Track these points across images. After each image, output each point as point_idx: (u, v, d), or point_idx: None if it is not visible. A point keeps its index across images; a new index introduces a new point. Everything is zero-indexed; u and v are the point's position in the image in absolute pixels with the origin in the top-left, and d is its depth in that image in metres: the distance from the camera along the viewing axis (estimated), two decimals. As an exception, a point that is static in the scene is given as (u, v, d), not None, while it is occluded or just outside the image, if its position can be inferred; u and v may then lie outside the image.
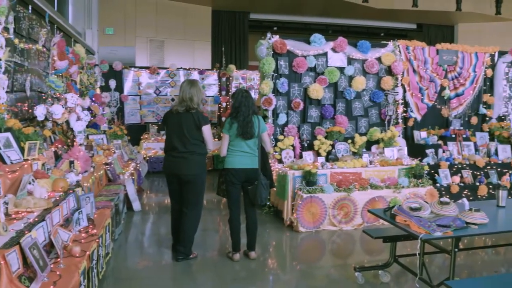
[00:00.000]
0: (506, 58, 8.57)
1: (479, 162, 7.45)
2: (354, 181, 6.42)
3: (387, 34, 16.04)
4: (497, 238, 5.72)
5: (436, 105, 8.22)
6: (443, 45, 8.18)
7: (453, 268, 3.65)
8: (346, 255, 5.43)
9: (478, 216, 3.69)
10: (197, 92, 4.74)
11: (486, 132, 8.36)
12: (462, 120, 8.36)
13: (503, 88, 8.59)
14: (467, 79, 8.28)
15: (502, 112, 8.65)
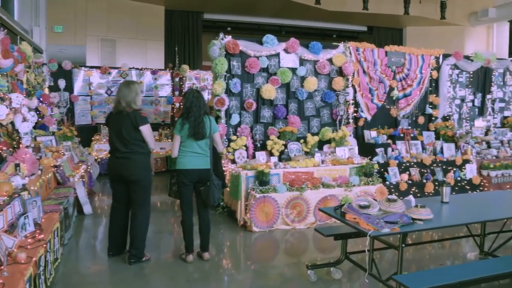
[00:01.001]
0: (450, 60, 8.92)
1: (426, 160, 7.73)
2: (306, 180, 6.50)
3: (339, 36, 16.35)
4: (442, 233, 5.92)
5: (385, 105, 8.47)
6: (391, 47, 8.43)
7: (401, 263, 3.76)
8: (300, 253, 5.48)
9: (424, 212, 3.81)
10: (129, 93, 4.68)
11: (432, 131, 8.69)
12: (410, 119, 8.66)
13: (447, 89, 8.95)
14: (414, 80, 8.57)
15: (446, 112, 9.01)
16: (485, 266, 3.94)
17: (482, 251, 5.11)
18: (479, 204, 4.86)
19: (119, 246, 5.04)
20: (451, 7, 13.81)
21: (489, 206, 4.76)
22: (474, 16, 15.25)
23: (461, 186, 7.84)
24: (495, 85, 9.59)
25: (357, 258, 4.39)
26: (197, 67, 13.81)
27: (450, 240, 5.67)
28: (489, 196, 5.69)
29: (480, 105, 9.50)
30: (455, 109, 9.17)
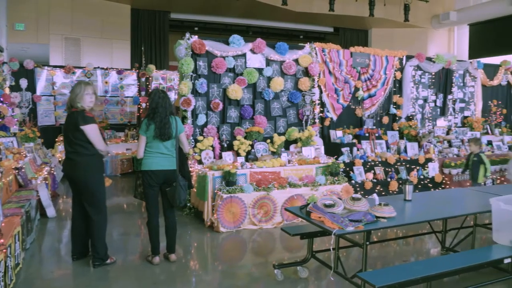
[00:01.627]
0: (413, 61, 9.13)
1: (390, 159, 7.89)
2: (273, 180, 6.53)
3: (306, 37, 16.50)
4: (407, 230, 6.06)
5: (350, 105, 8.60)
6: (356, 48, 8.56)
7: (365, 260, 3.83)
8: (267, 253, 5.49)
9: (387, 210, 3.89)
10: (71, 93, 4.63)
11: (396, 130, 8.87)
12: (375, 119, 8.81)
13: (410, 90, 9.16)
14: (378, 81, 8.73)
15: (410, 112, 9.22)
16: (446, 261, 4.03)
17: (444, 247, 5.26)
18: (440, 201, 4.98)
19: (82, 249, 4.94)
20: (414, 10, 14.14)
21: (450, 203, 4.89)
22: (436, 19, 15.64)
23: (424, 184, 8.04)
24: (456, 86, 9.87)
25: (324, 257, 4.43)
26: (163, 67, 13.70)
27: (413, 237, 5.81)
28: (450, 193, 5.82)
29: (442, 105, 9.76)
30: (418, 109, 9.39)
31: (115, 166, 10.40)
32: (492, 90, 10.56)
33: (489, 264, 4.00)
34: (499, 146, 9.52)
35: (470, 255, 4.17)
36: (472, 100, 10.18)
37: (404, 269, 3.70)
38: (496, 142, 9.58)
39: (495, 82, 10.48)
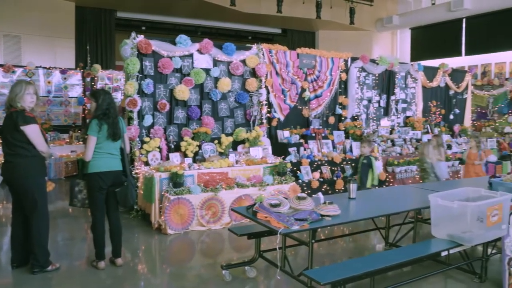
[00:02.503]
0: (357, 63, 9.38)
1: (336, 158, 8.06)
2: (221, 181, 6.52)
3: (254, 38, 16.57)
4: (353, 227, 6.19)
5: (297, 105, 8.71)
6: (303, 50, 8.69)
7: (311, 258, 3.89)
8: (216, 254, 5.48)
9: (331, 209, 3.96)
10: (10, 93, 4.45)
11: (342, 130, 9.07)
12: (321, 120, 8.97)
13: (355, 91, 9.40)
14: (324, 82, 8.90)
15: (355, 112, 9.45)
16: (389, 256, 4.15)
17: (387, 242, 5.43)
18: (384, 198, 5.14)
19: (22, 257, 4.72)
20: (360, 13, 14.54)
21: (393, 200, 5.05)
22: (380, 23, 16.15)
23: (369, 182, 8.25)
24: (398, 87, 10.22)
25: (272, 256, 4.46)
26: (110, 67, 13.38)
27: (359, 233, 5.94)
28: (393, 190, 6.02)
29: (385, 105, 10.08)
30: (363, 109, 9.64)
31: (59, 169, 10.09)
32: (432, 91, 11.01)
33: (428, 257, 4.18)
34: (439, 144, 9.91)
35: (411, 250, 4.32)
36: (413, 101, 10.57)
37: (348, 266, 3.80)
38: (436, 141, 9.97)
39: (434, 83, 10.92)
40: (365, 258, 4.31)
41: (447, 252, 4.13)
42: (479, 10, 13.65)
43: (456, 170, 9.40)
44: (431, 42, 15.72)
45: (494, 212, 4.07)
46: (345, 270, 3.57)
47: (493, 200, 4.12)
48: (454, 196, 4.34)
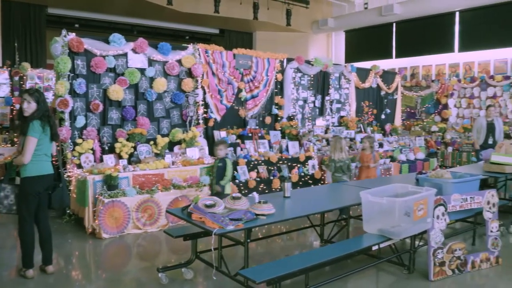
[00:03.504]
0: (293, 64, 9.54)
1: (273, 158, 8.16)
2: (157, 183, 6.44)
3: (192, 38, 16.42)
4: (290, 225, 6.31)
5: (234, 106, 8.73)
6: (239, 50, 8.72)
7: (247, 257, 3.93)
8: (153, 257, 5.41)
9: (266, 208, 4.03)
10: None
11: (278, 130, 9.19)
12: (257, 120, 9.04)
13: (291, 91, 9.55)
14: (261, 82, 8.98)
15: (291, 112, 9.60)
16: (323, 252, 4.29)
17: (322, 239, 5.57)
18: (318, 196, 5.28)
19: None
20: (296, 15, 14.79)
21: (327, 197, 5.21)
22: (316, 25, 16.50)
23: (305, 180, 8.42)
24: (332, 87, 10.49)
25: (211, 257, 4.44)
26: (40, 65, 12.74)
27: (296, 231, 6.06)
28: (328, 188, 6.19)
29: (320, 106, 10.31)
30: (299, 109, 9.82)
31: (-16, 173, 9.54)
32: (364, 92, 11.39)
33: (360, 252, 4.32)
34: (371, 143, 10.29)
35: (344, 245, 4.47)
36: (347, 101, 10.89)
37: (283, 263, 3.85)
38: (368, 140, 10.34)
39: (367, 84, 11.32)
40: (300, 255, 4.42)
41: (378, 246, 4.31)
42: (408, 16, 14.28)
43: (388, 168, 9.78)
44: (364, 45, 16.27)
45: (420, 207, 4.29)
46: (280, 268, 3.64)
47: (419, 195, 4.35)
48: (384, 192, 4.54)
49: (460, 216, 5.19)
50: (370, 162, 7.43)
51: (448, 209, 4.69)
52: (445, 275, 4.59)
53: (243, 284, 3.82)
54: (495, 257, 4.99)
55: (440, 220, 4.60)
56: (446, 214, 4.67)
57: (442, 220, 4.62)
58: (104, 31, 14.47)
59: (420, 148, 11.22)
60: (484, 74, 12.90)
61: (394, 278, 4.68)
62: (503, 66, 12.91)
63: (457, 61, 13.91)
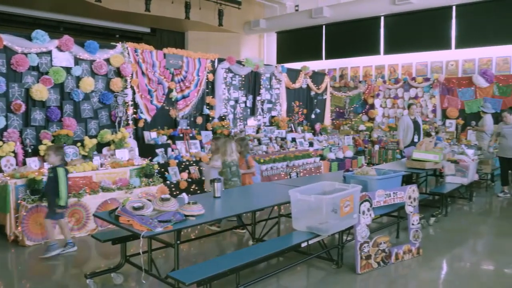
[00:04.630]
0: (224, 64, 9.57)
1: (204, 158, 8.12)
2: (84, 186, 6.23)
3: (123, 36, 15.98)
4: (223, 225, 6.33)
5: (164, 106, 8.62)
6: (169, 50, 8.63)
7: (177, 259, 3.90)
8: (81, 263, 5.21)
9: (195, 208, 4.01)
10: None
11: (210, 130, 9.19)
12: (189, 120, 8.99)
13: (222, 91, 9.58)
14: (192, 82, 8.94)
15: (222, 113, 9.64)
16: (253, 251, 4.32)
17: (254, 238, 5.62)
18: (249, 195, 5.34)
19: None
20: (228, 16, 14.84)
21: (258, 196, 5.26)
22: (248, 25, 16.62)
23: (237, 180, 8.46)
24: (264, 88, 10.63)
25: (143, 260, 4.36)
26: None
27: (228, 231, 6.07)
28: (259, 187, 6.24)
29: (251, 105, 10.42)
30: (230, 109, 9.86)
31: None
32: (295, 92, 11.64)
33: (290, 249, 4.40)
34: (301, 142, 10.53)
35: (274, 243, 4.52)
36: (278, 101, 11.08)
37: (214, 264, 3.86)
38: (299, 139, 10.59)
39: (297, 85, 11.57)
40: (230, 255, 4.43)
41: (307, 243, 4.41)
42: (337, 19, 14.73)
43: (318, 166, 10.05)
44: (296, 46, 16.60)
45: (346, 203, 4.44)
46: (211, 268, 3.64)
47: (345, 192, 4.50)
48: (312, 190, 4.65)
49: (385, 211, 5.41)
50: (243, 168, 6.52)
51: (373, 205, 4.88)
52: (371, 267, 4.78)
53: (173, 286, 3.79)
54: (416, 248, 5.27)
55: (366, 215, 4.79)
56: (371, 209, 4.86)
57: (367, 215, 4.81)
58: (28, 28, 13.69)
59: (349, 146, 11.64)
60: (407, 76, 13.60)
61: (324, 273, 4.82)
62: (423, 69, 13.67)
63: (383, 63, 14.55)
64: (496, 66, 12.36)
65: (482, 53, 12.55)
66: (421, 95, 13.18)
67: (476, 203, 8.27)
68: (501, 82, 11.91)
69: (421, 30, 13.40)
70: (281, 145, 9.95)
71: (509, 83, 11.79)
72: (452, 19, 12.91)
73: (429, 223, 6.70)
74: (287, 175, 9.27)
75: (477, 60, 12.70)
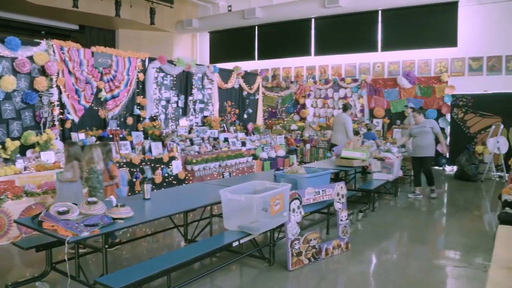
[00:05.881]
0: (155, 64, 9.41)
1: (135, 159, 7.96)
2: (6, 190, 5.91)
3: (49, 33, 15.27)
4: (155, 227, 6.26)
5: (93, 106, 8.33)
6: (98, 48, 8.36)
7: (106, 264, 3.80)
8: (4, 273, 4.91)
9: (124, 211, 3.93)
10: None
11: (141, 131, 8.99)
12: (119, 120, 8.75)
13: (153, 91, 9.42)
14: (121, 82, 8.71)
15: (153, 113, 9.47)
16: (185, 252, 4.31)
17: (186, 239, 5.59)
18: (180, 196, 5.30)
19: None
20: (160, 14, 14.64)
21: (190, 197, 5.22)
22: (180, 25, 16.47)
23: (169, 181, 8.38)
24: (196, 88, 10.57)
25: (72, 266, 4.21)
26: None
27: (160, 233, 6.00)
28: (191, 188, 6.23)
29: (183, 106, 10.31)
30: (162, 109, 9.72)
31: None
32: (227, 92, 11.66)
33: (222, 249, 4.43)
34: (234, 142, 10.58)
35: (205, 244, 4.52)
36: (210, 101, 11.05)
37: (144, 267, 3.80)
38: (232, 139, 10.63)
39: (229, 85, 11.60)
40: (161, 257, 4.37)
41: (238, 242, 4.45)
42: (269, 20, 14.93)
43: (250, 165, 10.15)
44: (229, 46, 16.64)
45: (276, 202, 4.53)
46: (140, 272, 3.60)
47: (275, 191, 4.58)
48: (243, 190, 4.70)
49: (315, 208, 5.56)
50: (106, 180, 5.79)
51: (303, 202, 5.00)
52: (302, 264, 4.90)
53: (102, 292, 3.69)
54: (345, 243, 5.46)
55: (296, 213, 4.90)
56: (301, 207, 4.98)
57: (297, 213, 4.92)
58: None
59: (281, 145, 11.84)
60: (336, 77, 14.06)
61: (256, 271, 4.87)
62: (352, 70, 14.18)
63: (314, 64, 14.93)
64: (418, 69, 13.07)
65: (406, 56, 13.24)
66: (350, 95, 13.68)
67: (401, 198, 8.70)
68: (422, 83, 12.64)
69: (350, 32, 13.89)
70: (213, 145, 9.94)
71: (429, 84, 12.53)
72: (378, 23, 13.48)
73: (358, 218, 6.96)
74: (220, 175, 9.29)
75: (401, 63, 13.36)
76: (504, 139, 10.89)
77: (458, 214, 7.55)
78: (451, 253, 5.57)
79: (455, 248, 5.74)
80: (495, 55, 12.00)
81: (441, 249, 5.79)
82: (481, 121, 11.77)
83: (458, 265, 5.07)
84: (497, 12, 11.89)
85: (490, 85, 11.86)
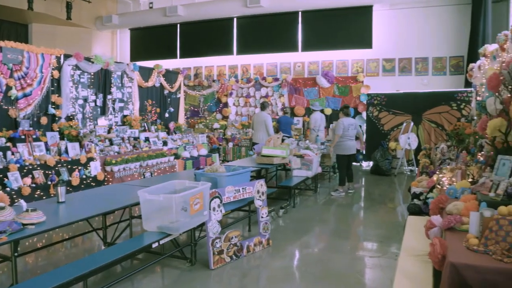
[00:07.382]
0: (71, 61, 9.03)
1: (50, 161, 7.61)
2: None
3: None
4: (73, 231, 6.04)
5: (2, 105, 7.84)
6: (7, 43, 7.87)
7: (15, 273, 3.61)
8: None
9: (35, 216, 3.74)
10: None
11: (56, 131, 8.60)
12: (32, 120, 8.29)
13: (69, 89, 9.05)
14: (34, 80, 8.27)
15: (70, 112, 9.10)
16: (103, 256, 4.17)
17: (106, 242, 5.44)
18: (98, 198, 5.12)
19: None
20: (78, 9, 14.09)
21: (109, 199, 5.08)
22: (99, 21, 15.96)
23: (87, 183, 8.08)
24: (115, 86, 10.28)
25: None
26: None
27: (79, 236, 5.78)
28: (110, 189, 6.05)
29: (102, 105, 10.00)
30: (79, 109, 9.36)
31: None
32: (148, 90, 11.48)
33: (141, 251, 4.35)
34: (155, 141, 10.43)
35: (124, 246, 4.42)
36: (130, 100, 10.80)
37: (58, 273, 3.64)
38: (153, 138, 10.47)
39: (150, 83, 11.42)
40: (77, 262, 4.22)
41: (158, 243, 4.40)
42: (192, 18, 14.89)
43: (172, 165, 10.05)
44: (150, 44, 16.36)
45: (196, 201, 4.53)
46: (54, 279, 3.44)
47: (195, 190, 4.58)
48: (162, 189, 4.66)
49: (235, 206, 5.61)
50: None
51: (223, 201, 5.05)
52: (224, 262, 4.94)
53: (10, 303, 3.51)
54: (266, 239, 5.58)
55: (216, 211, 4.94)
56: (222, 205, 5.03)
57: (218, 211, 4.96)
58: None
59: (203, 144, 11.84)
60: (258, 76, 14.28)
61: (178, 272, 4.84)
62: (273, 69, 14.49)
63: (236, 63, 15.07)
64: (336, 69, 13.62)
65: (325, 56, 13.74)
66: (271, 94, 13.95)
67: (320, 194, 9.03)
68: (340, 83, 13.18)
69: (271, 32, 14.17)
70: (134, 145, 9.73)
71: (347, 84, 13.08)
72: (298, 24, 13.88)
73: (279, 214, 7.12)
74: (141, 175, 9.12)
75: (321, 63, 13.84)
76: (414, 135, 11.66)
77: (374, 207, 7.96)
78: (368, 244, 5.87)
79: (371, 239, 6.05)
80: (406, 57, 12.82)
81: (358, 241, 6.07)
82: (394, 119, 12.46)
83: (373, 255, 5.35)
84: (408, 17, 12.71)
85: (401, 85, 12.65)
